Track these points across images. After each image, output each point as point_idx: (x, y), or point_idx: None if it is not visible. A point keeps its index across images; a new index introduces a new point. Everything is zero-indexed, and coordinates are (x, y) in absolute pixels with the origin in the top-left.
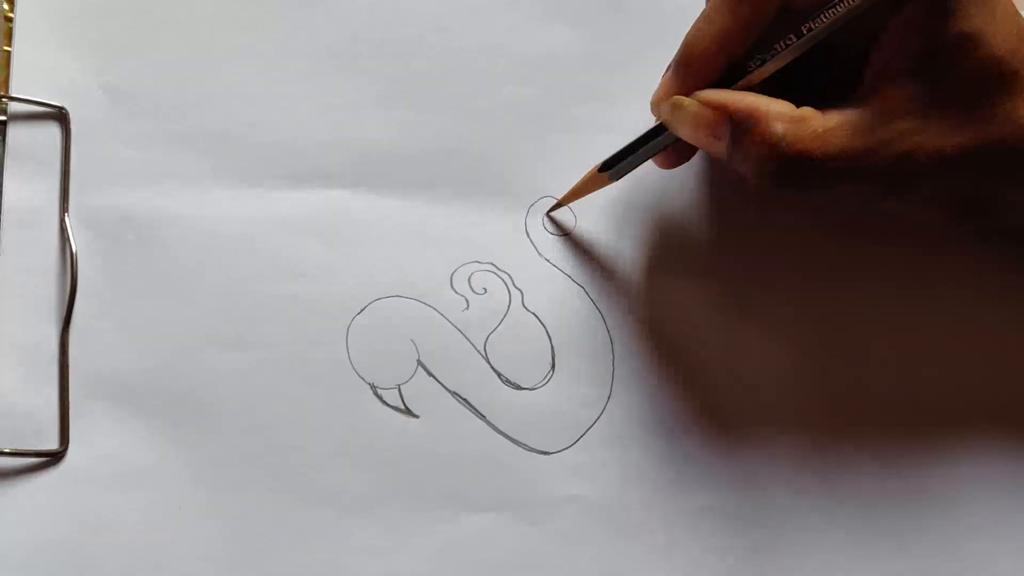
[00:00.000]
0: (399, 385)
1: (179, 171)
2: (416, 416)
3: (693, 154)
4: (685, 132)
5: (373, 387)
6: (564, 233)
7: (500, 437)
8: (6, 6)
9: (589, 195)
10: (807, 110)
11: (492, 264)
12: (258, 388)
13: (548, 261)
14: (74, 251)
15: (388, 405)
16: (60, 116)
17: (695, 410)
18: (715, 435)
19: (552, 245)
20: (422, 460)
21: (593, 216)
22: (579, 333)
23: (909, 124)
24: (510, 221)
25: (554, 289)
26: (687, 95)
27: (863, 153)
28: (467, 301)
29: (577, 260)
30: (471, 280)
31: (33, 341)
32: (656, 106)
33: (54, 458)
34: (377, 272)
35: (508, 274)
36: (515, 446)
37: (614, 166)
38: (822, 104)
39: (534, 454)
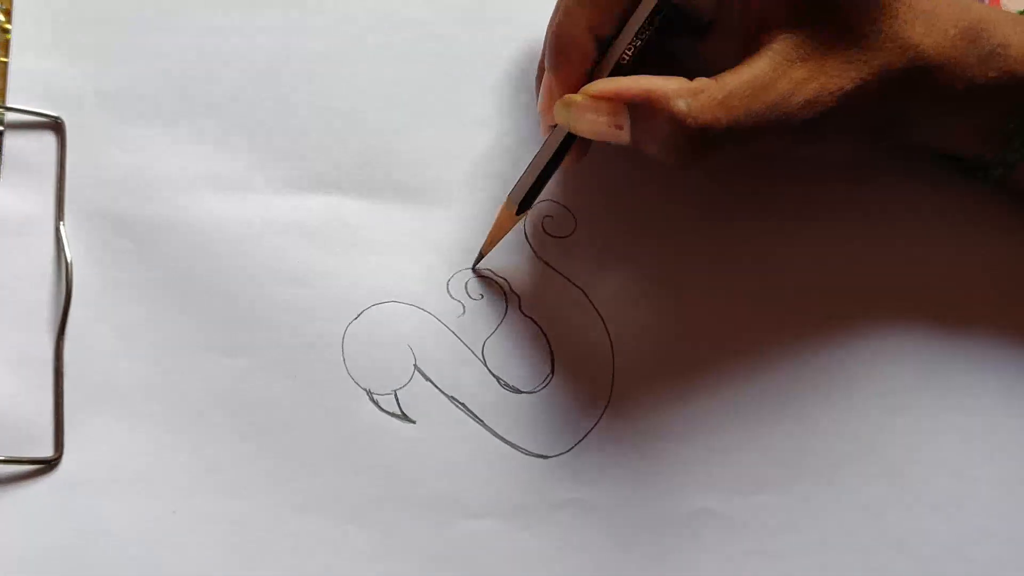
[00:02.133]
0: (395, 391)
1: (174, 177)
2: (413, 421)
3: (589, 147)
4: (584, 129)
5: (369, 393)
6: (564, 235)
7: (498, 441)
8: (2, 18)
9: (586, 198)
10: (702, 80)
11: (489, 269)
12: (253, 394)
13: (547, 264)
14: (68, 260)
15: (384, 411)
16: (55, 126)
17: (695, 414)
18: (715, 439)
19: (552, 248)
20: (419, 465)
21: (593, 218)
22: (578, 336)
23: (805, 71)
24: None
25: (553, 292)
26: (573, 92)
27: (768, 109)
28: (463, 306)
29: (577, 263)
30: (468, 285)
31: (28, 349)
32: (545, 111)
33: (48, 465)
34: (373, 277)
35: (505, 279)
36: (513, 450)
37: (531, 203)
38: (691, 76)
39: (532, 458)
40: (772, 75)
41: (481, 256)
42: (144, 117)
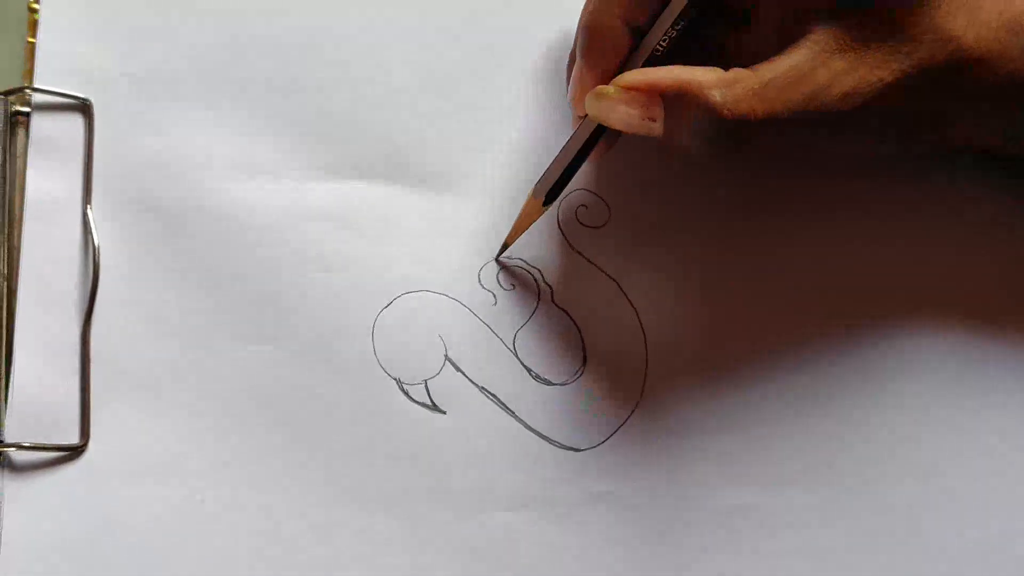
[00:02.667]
0: (426, 380)
1: (204, 161)
2: (443, 412)
3: (618, 139)
4: (616, 121)
5: (399, 382)
6: (598, 226)
7: (529, 433)
8: None
9: (620, 188)
10: (737, 71)
11: (522, 259)
12: (282, 382)
13: (580, 255)
14: (96, 244)
15: (414, 400)
16: (83, 107)
17: (729, 409)
18: (749, 434)
19: (585, 238)
20: (449, 456)
21: (628, 208)
22: (611, 328)
23: (844, 62)
24: (542, 217)
25: (585, 283)
26: (605, 83)
27: (806, 100)
28: (495, 296)
29: (610, 254)
30: (499, 276)
31: (54, 334)
32: (575, 101)
33: (75, 452)
34: (405, 266)
35: (539, 269)
36: (544, 442)
37: (557, 195)
38: (727, 66)
39: (564, 451)
40: (810, 66)
41: (506, 246)
42: (174, 100)
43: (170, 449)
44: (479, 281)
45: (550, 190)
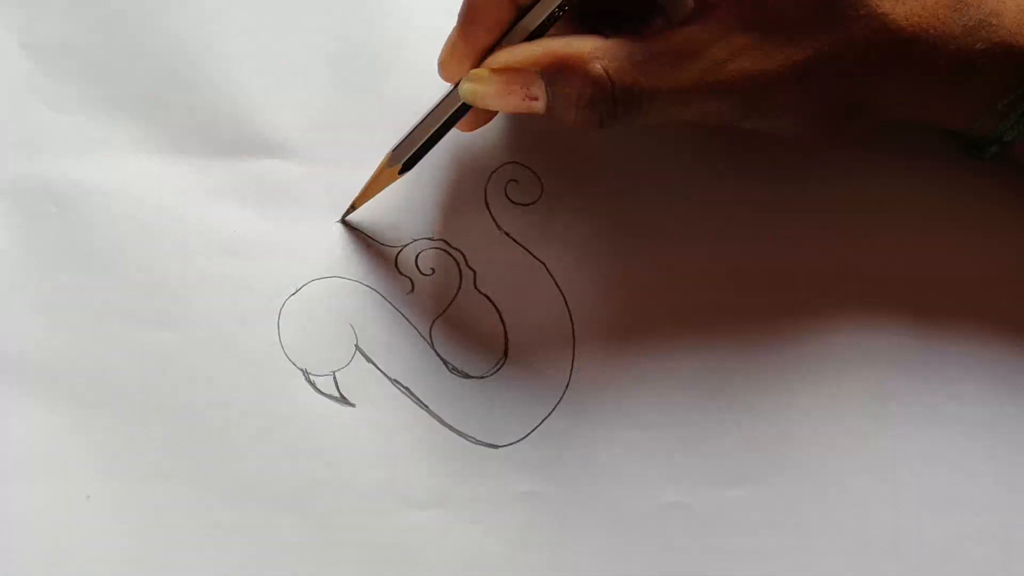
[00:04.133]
0: (334, 372)
1: (105, 138)
2: (352, 405)
3: (495, 114)
4: (496, 104)
5: (305, 373)
6: (528, 203)
7: (444, 429)
8: None
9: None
10: (621, 40)
11: (444, 241)
12: (180, 370)
13: (507, 235)
14: None
15: (321, 393)
16: None
17: (664, 401)
18: (686, 428)
19: (514, 217)
20: (358, 452)
21: (562, 184)
22: (537, 316)
23: (748, 39)
24: (468, 191)
25: (511, 267)
26: (479, 55)
27: (698, 76)
28: (412, 282)
29: (540, 234)
30: (418, 260)
31: None
32: (444, 68)
33: None
34: (314, 250)
35: (461, 252)
36: (460, 439)
37: (415, 163)
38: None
39: (481, 447)
40: (707, 39)
41: (352, 209)
42: (73, 72)
43: (56, 442)
44: (396, 265)
45: (407, 159)
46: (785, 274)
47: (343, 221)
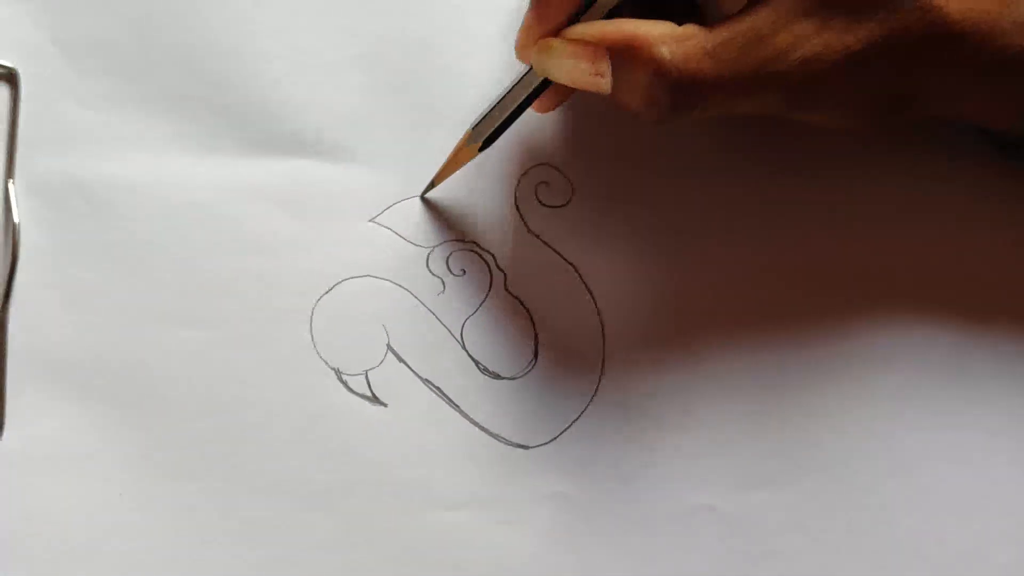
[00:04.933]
0: (366, 371)
1: (137, 135)
2: (384, 404)
3: (571, 94)
4: (562, 76)
5: (338, 372)
6: (559, 205)
7: (474, 429)
8: None
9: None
10: (690, 27)
11: (475, 243)
12: (212, 369)
13: (538, 237)
14: (16, 222)
15: (353, 392)
16: (9, 77)
17: (692, 404)
18: (714, 431)
19: (544, 219)
20: (389, 451)
21: (593, 187)
22: (567, 318)
23: (809, 26)
24: (498, 193)
25: (542, 269)
26: (553, 34)
27: (762, 64)
28: (443, 283)
29: (570, 237)
30: (449, 260)
31: None
32: (522, 51)
33: None
34: (347, 249)
35: (491, 254)
36: (490, 439)
37: (494, 140)
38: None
39: (511, 448)
40: (771, 27)
41: (432, 186)
42: (106, 70)
43: (89, 439)
44: (427, 266)
45: (488, 136)
46: (814, 276)
47: (422, 198)
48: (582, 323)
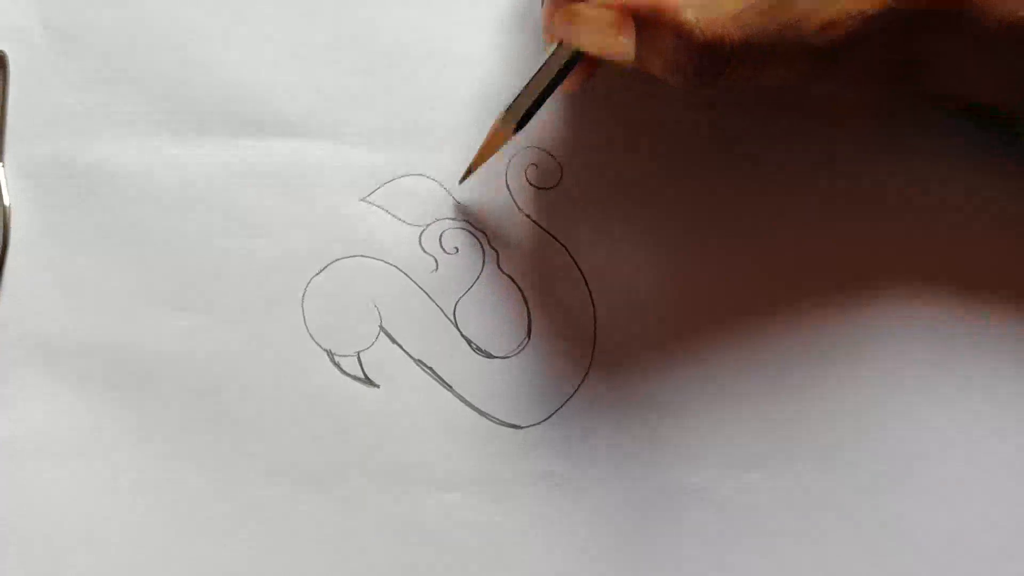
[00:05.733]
0: (358, 352)
1: (127, 118)
2: (376, 386)
3: (596, 68)
4: (587, 41)
5: (330, 354)
6: (548, 187)
7: (467, 409)
8: None
9: (574, 146)
10: None
11: (466, 221)
12: (204, 352)
13: (529, 217)
14: (6, 205)
15: (346, 373)
16: None
17: (683, 385)
18: (705, 412)
19: (534, 200)
20: (382, 432)
21: (581, 168)
22: (559, 298)
23: None
24: (489, 173)
25: (534, 249)
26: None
27: (784, 28)
28: (436, 262)
29: (561, 217)
30: (442, 239)
31: None
32: (548, 27)
33: None
34: (338, 229)
35: (483, 232)
36: (483, 419)
37: (528, 120)
38: None
39: (504, 428)
40: None
41: (469, 172)
42: (96, 52)
43: (82, 424)
44: (420, 244)
45: (521, 117)
46: (807, 260)
47: (461, 184)
48: (574, 303)
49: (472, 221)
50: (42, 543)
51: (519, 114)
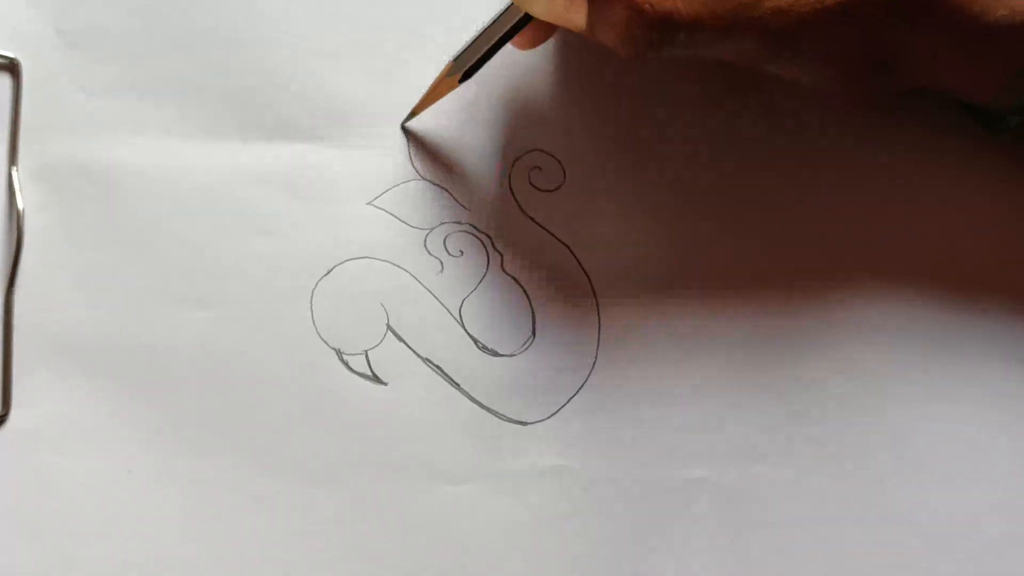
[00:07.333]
0: (366, 351)
1: (140, 121)
2: (384, 383)
3: (552, 32)
4: (540, 9)
5: (339, 352)
6: (552, 189)
7: (474, 406)
8: None
9: (577, 149)
10: None
11: (471, 225)
12: (217, 349)
13: (532, 219)
14: (20, 208)
15: (354, 372)
16: (11, 67)
17: (687, 379)
18: (710, 405)
19: (538, 202)
20: (390, 429)
21: (584, 171)
22: (563, 296)
23: None
24: (493, 177)
25: (537, 250)
26: None
27: (736, 9)
28: (441, 263)
29: (564, 218)
30: (447, 242)
31: None
32: None
33: None
34: (347, 231)
35: (488, 235)
36: (490, 415)
37: (474, 73)
38: None
39: (510, 424)
40: None
41: (412, 115)
42: (108, 57)
43: (97, 418)
44: (425, 247)
45: (467, 69)
46: (806, 253)
47: (403, 127)
48: (578, 301)
49: (476, 225)
50: (59, 533)
51: (465, 65)
